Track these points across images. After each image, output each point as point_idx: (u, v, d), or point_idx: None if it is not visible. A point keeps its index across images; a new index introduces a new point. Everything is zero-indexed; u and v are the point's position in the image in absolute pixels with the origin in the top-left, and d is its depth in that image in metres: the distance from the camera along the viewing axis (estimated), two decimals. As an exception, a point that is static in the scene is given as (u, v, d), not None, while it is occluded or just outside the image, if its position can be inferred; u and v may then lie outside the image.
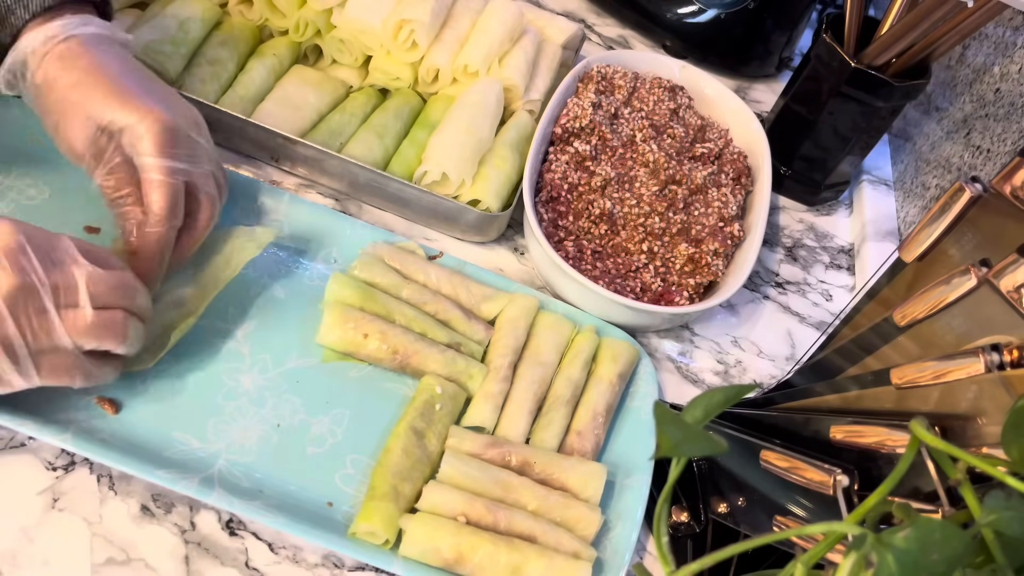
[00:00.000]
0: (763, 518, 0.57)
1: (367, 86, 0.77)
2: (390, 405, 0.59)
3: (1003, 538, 0.32)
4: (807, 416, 0.56)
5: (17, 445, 0.52)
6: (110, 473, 0.52)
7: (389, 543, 0.52)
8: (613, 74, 0.81)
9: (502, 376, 0.61)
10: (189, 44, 0.71)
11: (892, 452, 0.48)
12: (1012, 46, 0.76)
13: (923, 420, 0.36)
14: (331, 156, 0.68)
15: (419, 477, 0.55)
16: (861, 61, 0.76)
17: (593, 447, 0.60)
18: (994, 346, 0.43)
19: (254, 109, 0.71)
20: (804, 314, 0.79)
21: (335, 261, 0.65)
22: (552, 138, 0.76)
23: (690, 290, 0.70)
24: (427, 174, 0.69)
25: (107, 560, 0.49)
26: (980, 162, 0.76)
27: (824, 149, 0.84)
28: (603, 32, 1.01)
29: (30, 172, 0.62)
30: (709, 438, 0.35)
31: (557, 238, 0.70)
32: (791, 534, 0.35)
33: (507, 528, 0.53)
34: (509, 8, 0.79)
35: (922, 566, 0.28)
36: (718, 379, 0.71)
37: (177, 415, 0.54)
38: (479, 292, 0.66)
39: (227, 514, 0.53)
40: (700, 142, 0.81)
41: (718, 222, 0.74)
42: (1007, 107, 0.74)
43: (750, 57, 1.00)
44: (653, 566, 0.57)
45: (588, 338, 0.65)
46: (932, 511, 0.44)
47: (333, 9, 0.74)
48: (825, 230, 0.88)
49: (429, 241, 0.71)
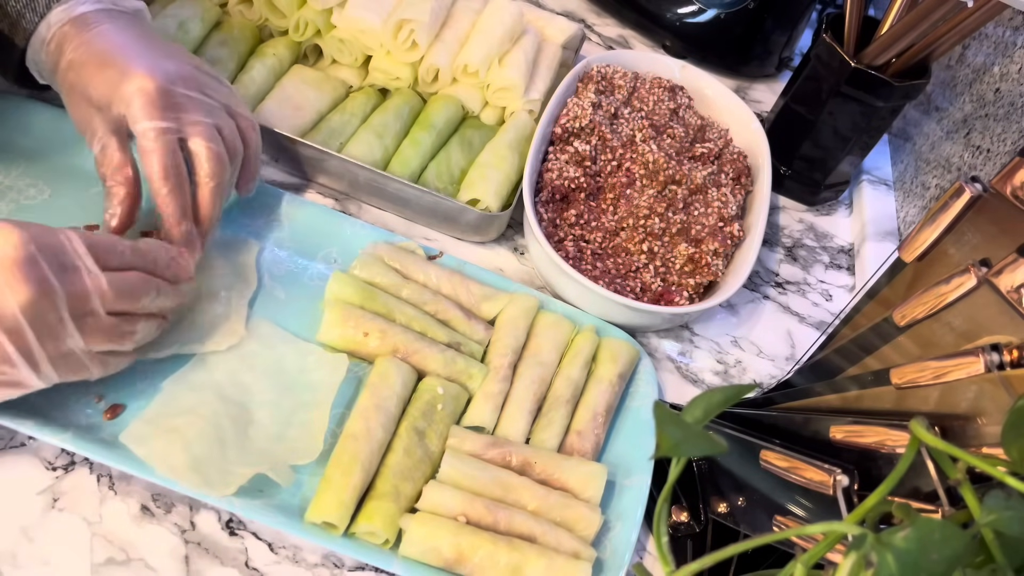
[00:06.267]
0: (763, 518, 0.57)
1: (367, 86, 0.77)
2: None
3: (1003, 538, 0.32)
4: (807, 416, 0.56)
5: (17, 445, 0.52)
6: (110, 473, 0.52)
7: (389, 543, 0.52)
8: (613, 74, 0.81)
9: (502, 376, 0.61)
10: (189, 44, 0.71)
11: (892, 452, 0.49)
12: (1012, 46, 0.76)
13: (923, 420, 0.36)
14: (331, 156, 0.68)
15: (420, 477, 0.55)
16: (861, 61, 0.76)
17: (593, 447, 0.60)
18: (994, 346, 0.43)
19: (254, 109, 0.72)
20: (804, 314, 0.79)
21: (335, 261, 0.65)
22: (552, 138, 0.76)
23: (690, 290, 0.70)
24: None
25: (107, 560, 0.49)
26: (980, 162, 0.76)
27: (824, 149, 0.84)
28: (603, 32, 1.01)
29: (30, 172, 0.62)
30: (709, 438, 0.35)
31: (557, 238, 0.71)
32: (791, 534, 0.35)
33: (507, 528, 0.53)
34: (509, 8, 0.79)
35: (922, 566, 0.28)
36: (718, 379, 0.71)
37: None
38: (479, 292, 0.66)
39: (227, 514, 0.53)
40: (700, 142, 0.81)
41: (718, 222, 0.74)
42: (1007, 107, 0.74)
43: (750, 57, 1.00)
44: (653, 566, 0.57)
45: (588, 338, 0.65)
46: (932, 511, 0.44)
47: (333, 9, 0.74)
48: (825, 230, 0.88)
49: (429, 241, 0.71)
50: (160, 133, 0.52)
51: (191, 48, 0.72)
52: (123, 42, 0.54)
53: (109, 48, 0.53)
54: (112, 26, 0.55)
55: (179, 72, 0.54)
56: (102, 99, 0.52)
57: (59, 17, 0.54)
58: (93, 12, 0.55)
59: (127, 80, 0.52)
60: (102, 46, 0.53)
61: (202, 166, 0.55)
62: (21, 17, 0.53)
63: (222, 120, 0.56)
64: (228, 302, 0.59)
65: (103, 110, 0.53)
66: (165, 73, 0.53)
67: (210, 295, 0.58)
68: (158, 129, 0.52)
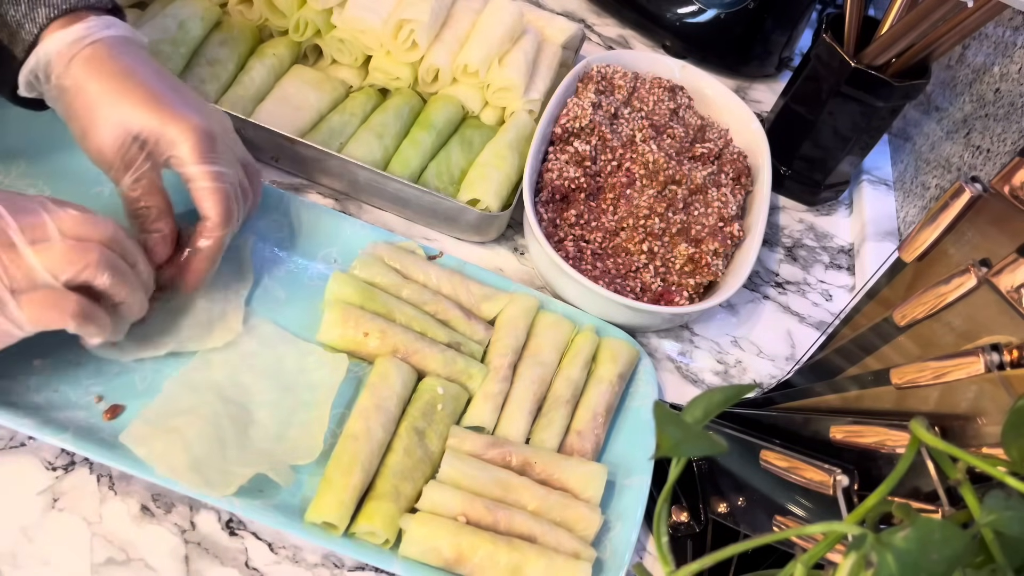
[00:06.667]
0: (763, 518, 0.57)
1: (367, 86, 0.77)
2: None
3: (1003, 538, 0.32)
4: (807, 416, 0.56)
5: (17, 445, 0.52)
6: (110, 473, 0.52)
7: (389, 543, 0.52)
8: (613, 74, 0.81)
9: (502, 376, 0.61)
10: (189, 44, 0.71)
11: (892, 452, 0.48)
12: (1012, 46, 0.76)
13: (923, 420, 0.36)
14: (331, 156, 0.68)
15: (420, 477, 0.55)
16: (861, 61, 0.76)
17: (593, 447, 0.60)
18: (994, 346, 0.43)
19: (254, 109, 0.72)
20: (804, 314, 0.79)
21: (335, 261, 0.65)
22: (552, 138, 0.76)
23: (690, 290, 0.70)
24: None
25: (107, 560, 0.49)
26: (980, 162, 0.76)
27: (824, 149, 0.84)
28: (603, 32, 1.01)
29: (30, 172, 0.62)
30: (709, 438, 0.35)
31: (557, 238, 0.71)
32: (791, 534, 0.35)
33: (507, 528, 0.53)
34: (509, 8, 0.79)
35: (922, 566, 0.28)
36: (718, 379, 0.71)
37: (177, 415, 0.54)
38: (479, 292, 0.66)
39: (227, 514, 0.53)
40: (700, 142, 0.81)
41: (718, 222, 0.74)
42: (1007, 107, 0.74)
43: (750, 57, 1.00)
44: (653, 566, 0.57)
45: (588, 338, 0.65)
46: (932, 511, 0.44)
47: (333, 9, 0.74)
48: (825, 230, 0.88)
49: (429, 241, 0.71)
50: (217, 175, 0.53)
51: (191, 48, 0.72)
52: (170, 80, 0.55)
53: (155, 83, 0.53)
54: (144, 58, 0.55)
55: (221, 120, 0.56)
56: (145, 133, 0.52)
57: (87, 33, 0.53)
58: (121, 39, 0.54)
59: (181, 119, 0.52)
60: (145, 80, 0.53)
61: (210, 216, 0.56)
62: (20, 28, 0.53)
63: (241, 173, 0.58)
64: (225, 300, 0.59)
65: (144, 143, 0.53)
66: (216, 120, 0.55)
67: (206, 293, 0.58)
68: (215, 171, 0.53)
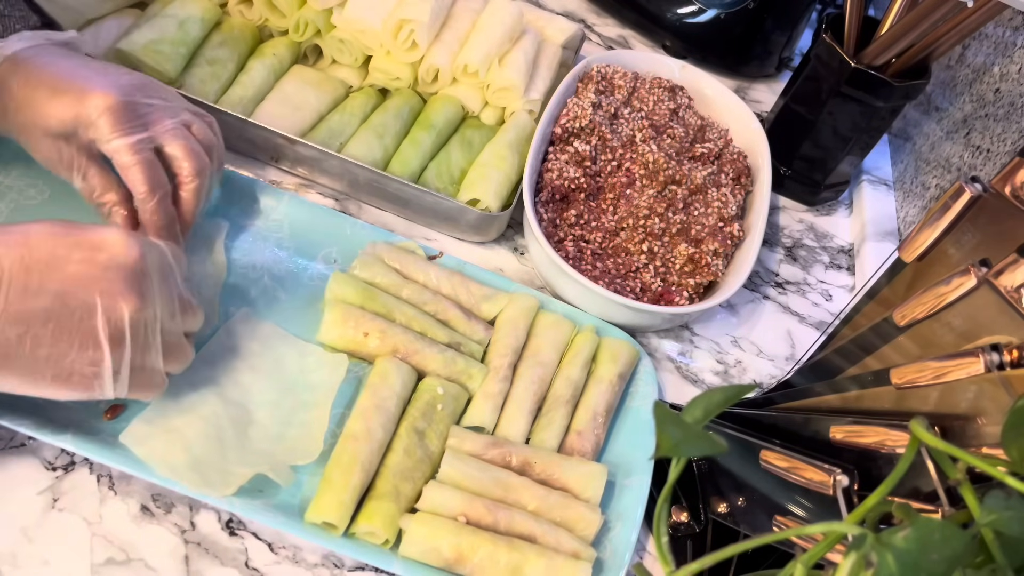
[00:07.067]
0: (763, 518, 0.57)
1: (367, 86, 0.77)
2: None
3: (1003, 538, 0.32)
4: (807, 416, 0.56)
5: (17, 445, 0.52)
6: (110, 473, 0.52)
7: (389, 543, 0.52)
8: (613, 74, 0.81)
9: (502, 376, 0.61)
10: (189, 44, 0.71)
11: (892, 452, 0.48)
12: (1012, 46, 0.76)
13: (923, 420, 0.36)
14: (331, 156, 0.68)
15: (420, 477, 0.55)
16: (861, 61, 0.76)
17: (593, 447, 0.60)
18: (994, 346, 0.43)
19: (254, 109, 0.72)
20: (804, 314, 0.79)
21: (335, 261, 0.65)
22: (552, 138, 0.76)
23: (690, 290, 0.70)
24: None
25: (107, 560, 0.49)
26: (980, 162, 0.76)
27: (824, 149, 0.84)
28: (603, 32, 1.01)
29: (30, 172, 0.62)
30: (709, 438, 0.35)
31: (557, 238, 0.71)
32: (791, 534, 0.35)
33: (507, 528, 0.53)
34: (509, 8, 0.79)
35: (922, 566, 0.28)
36: (718, 379, 0.71)
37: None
38: (479, 292, 0.66)
39: (227, 514, 0.53)
40: (700, 142, 0.81)
41: (718, 222, 0.74)
42: (1007, 107, 0.74)
43: (750, 57, 1.00)
44: (653, 566, 0.57)
45: (588, 338, 0.65)
46: (932, 511, 0.44)
47: (333, 9, 0.74)
48: (825, 230, 0.88)
49: (429, 241, 0.71)
50: (134, 146, 0.52)
51: (191, 48, 0.71)
52: (67, 69, 0.53)
53: (55, 77, 0.52)
54: (51, 58, 0.53)
55: (133, 83, 0.54)
56: (64, 127, 0.51)
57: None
58: (29, 49, 0.53)
59: (86, 101, 0.51)
60: (48, 78, 0.51)
61: (182, 166, 0.55)
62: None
63: (188, 118, 0.56)
64: (198, 291, 0.58)
65: (68, 139, 0.52)
66: (120, 87, 0.52)
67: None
68: (131, 143, 0.52)
